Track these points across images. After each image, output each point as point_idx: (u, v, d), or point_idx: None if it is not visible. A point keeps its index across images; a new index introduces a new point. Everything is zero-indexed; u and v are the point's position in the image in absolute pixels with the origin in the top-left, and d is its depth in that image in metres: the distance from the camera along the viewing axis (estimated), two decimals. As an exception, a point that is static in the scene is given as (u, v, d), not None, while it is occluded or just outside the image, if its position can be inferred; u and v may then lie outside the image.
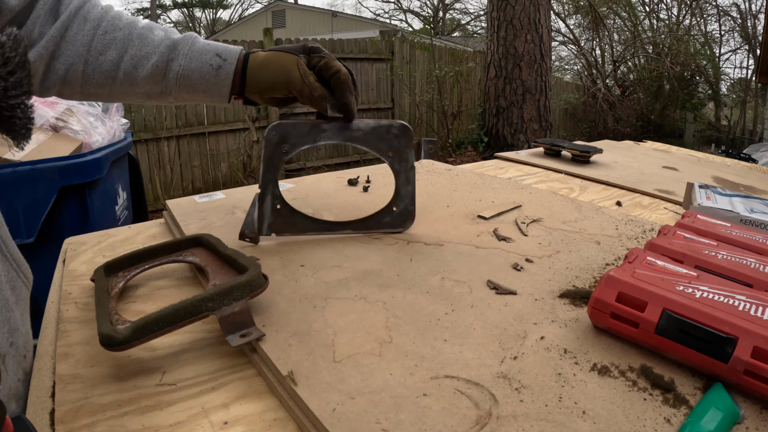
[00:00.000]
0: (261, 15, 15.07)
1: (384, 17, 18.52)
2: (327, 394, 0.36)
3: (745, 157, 4.64)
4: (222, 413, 0.37)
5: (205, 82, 0.60)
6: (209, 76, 0.60)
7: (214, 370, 0.42)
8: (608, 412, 0.35)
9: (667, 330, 0.39)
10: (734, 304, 0.40)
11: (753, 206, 0.75)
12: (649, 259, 0.49)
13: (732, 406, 0.35)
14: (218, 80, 0.60)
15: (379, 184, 0.92)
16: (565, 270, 0.58)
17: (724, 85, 10.91)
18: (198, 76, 0.59)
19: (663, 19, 9.84)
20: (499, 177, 1.04)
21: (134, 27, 0.58)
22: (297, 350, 0.41)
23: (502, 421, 0.34)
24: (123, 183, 2.02)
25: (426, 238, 0.66)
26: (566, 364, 0.40)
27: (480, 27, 16.41)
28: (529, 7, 5.09)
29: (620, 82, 8.56)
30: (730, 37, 11.51)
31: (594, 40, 8.71)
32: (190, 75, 0.59)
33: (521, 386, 0.38)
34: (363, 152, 5.62)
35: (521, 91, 5.25)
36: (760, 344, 0.36)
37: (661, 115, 8.65)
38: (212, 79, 0.60)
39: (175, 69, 0.58)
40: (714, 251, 0.54)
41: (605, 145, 1.56)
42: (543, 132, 5.35)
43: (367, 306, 0.49)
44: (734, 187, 1.07)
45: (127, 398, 0.38)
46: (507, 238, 0.67)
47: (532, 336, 0.44)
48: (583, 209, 0.82)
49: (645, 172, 1.16)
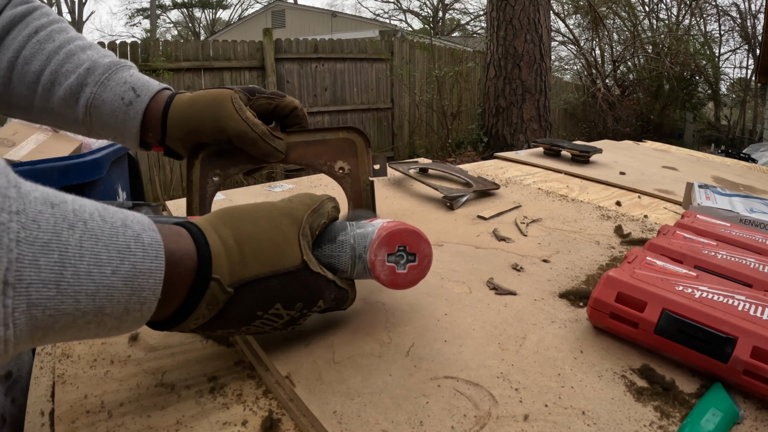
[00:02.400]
0: (261, 15, 15.08)
1: (384, 17, 18.53)
2: (326, 394, 0.36)
3: (744, 157, 4.65)
4: (221, 413, 0.37)
5: (115, 117, 0.50)
6: (119, 112, 0.50)
7: (214, 371, 0.42)
8: (608, 412, 0.35)
9: (667, 330, 0.39)
10: (734, 304, 0.40)
11: (753, 206, 0.75)
12: (649, 259, 0.49)
13: (732, 406, 0.35)
14: (127, 118, 0.50)
15: (379, 185, 0.92)
16: (565, 270, 0.58)
17: (723, 84, 10.93)
18: (108, 110, 0.50)
19: (663, 19, 9.85)
20: (499, 177, 1.04)
21: (69, 42, 0.51)
22: (296, 351, 0.41)
23: (502, 421, 0.34)
24: (123, 183, 2.02)
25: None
26: (566, 364, 0.40)
27: (480, 27, 16.42)
28: (528, 7, 5.09)
29: (620, 82, 8.56)
30: (730, 37, 11.52)
31: (594, 40, 8.71)
32: (100, 106, 0.50)
33: (521, 387, 0.38)
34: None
35: (521, 91, 5.25)
36: (760, 344, 0.36)
37: (660, 115, 8.65)
38: (121, 115, 0.50)
39: (87, 95, 0.50)
40: (713, 251, 0.54)
41: (605, 145, 1.56)
42: (543, 132, 5.35)
43: (367, 306, 0.49)
44: (734, 187, 1.07)
45: (126, 398, 0.38)
46: (507, 239, 0.67)
47: (532, 336, 0.44)
48: (582, 209, 0.82)
49: (645, 172, 1.16)
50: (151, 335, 0.46)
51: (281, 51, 4.93)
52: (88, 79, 0.50)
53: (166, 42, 4.56)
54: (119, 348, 0.44)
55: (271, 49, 4.80)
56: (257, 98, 0.52)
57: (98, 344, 0.45)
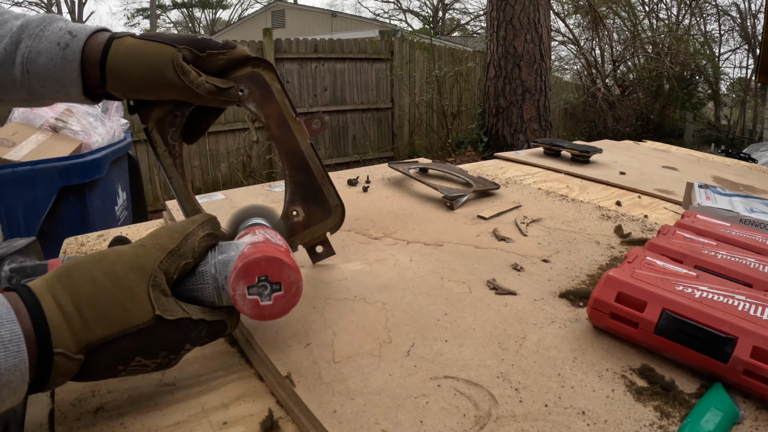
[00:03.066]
0: (260, 15, 15.07)
1: (384, 17, 18.51)
2: (326, 394, 0.36)
3: (744, 157, 4.65)
4: (221, 413, 0.37)
5: (53, 66, 0.46)
6: (56, 58, 0.46)
7: (214, 371, 0.42)
8: (608, 412, 0.35)
9: (667, 330, 0.39)
10: (734, 304, 0.40)
11: (753, 206, 0.75)
12: (649, 259, 0.49)
13: (731, 406, 0.35)
14: (65, 63, 0.46)
15: (378, 185, 0.92)
16: (565, 270, 0.58)
17: (723, 84, 10.92)
18: (45, 59, 0.46)
19: (662, 18, 9.85)
20: (499, 177, 1.04)
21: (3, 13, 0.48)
22: (296, 351, 0.41)
23: (502, 421, 0.34)
24: (123, 183, 2.02)
25: (425, 238, 0.66)
26: (566, 364, 0.40)
27: (479, 27, 16.40)
28: (528, 6, 5.09)
29: (620, 81, 8.55)
30: (730, 37, 11.51)
31: (593, 39, 8.71)
32: (36, 58, 0.46)
33: (521, 387, 0.38)
34: (363, 152, 5.63)
35: (521, 91, 5.25)
36: (760, 344, 0.36)
37: (660, 115, 8.65)
38: (59, 61, 0.46)
39: (22, 50, 0.46)
40: (713, 251, 0.54)
41: (605, 145, 1.56)
42: (543, 132, 5.34)
43: (367, 306, 0.49)
44: (734, 187, 1.07)
45: (126, 398, 0.38)
46: (507, 239, 0.67)
47: (532, 336, 0.44)
48: (582, 209, 0.82)
49: (645, 172, 1.16)
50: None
51: (281, 51, 4.93)
52: (23, 35, 0.46)
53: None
54: (119, 348, 0.44)
55: (271, 49, 4.80)
56: (207, 55, 0.48)
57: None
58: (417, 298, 0.50)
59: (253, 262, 0.35)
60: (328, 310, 0.48)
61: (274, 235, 0.42)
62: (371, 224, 0.72)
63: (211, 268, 0.37)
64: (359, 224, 0.71)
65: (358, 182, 0.93)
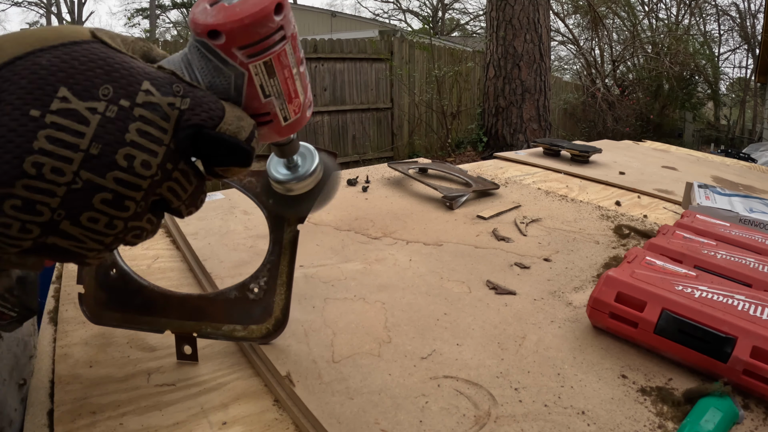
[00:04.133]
0: (260, 15, 15.04)
1: (383, 17, 18.51)
2: (326, 394, 0.36)
3: (744, 157, 4.64)
4: (221, 413, 0.37)
5: None
6: None
7: (213, 371, 0.42)
8: (607, 412, 0.35)
9: (666, 330, 0.39)
10: (733, 303, 0.40)
11: (752, 206, 0.75)
12: (648, 259, 0.49)
13: (731, 406, 0.35)
14: None
15: (378, 184, 0.92)
16: (565, 270, 0.58)
17: (723, 84, 10.92)
18: None
19: (662, 18, 9.85)
20: (499, 177, 1.04)
21: None
22: (296, 351, 0.41)
23: (501, 421, 0.34)
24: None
25: (425, 238, 0.66)
26: (565, 364, 0.40)
27: (479, 27, 16.40)
28: (528, 6, 5.09)
29: (619, 81, 8.56)
30: (729, 37, 11.52)
31: (593, 39, 8.71)
32: None
33: (520, 386, 0.38)
34: (362, 152, 5.63)
35: (520, 91, 5.25)
36: (759, 344, 0.36)
37: (660, 115, 8.65)
38: None
39: None
40: (713, 251, 0.54)
41: (604, 144, 1.56)
42: (542, 132, 5.34)
43: (366, 306, 0.49)
44: (733, 187, 1.08)
45: (126, 398, 0.38)
46: (506, 238, 0.67)
47: (532, 336, 0.44)
48: (582, 209, 0.82)
49: (644, 172, 1.16)
50: (151, 336, 0.46)
51: (281, 51, 4.92)
52: None
53: (165, 42, 4.55)
54: (118, 348, 0.44)
55: (270, 49, 4.80)
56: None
57: (97, 345, 0.44)
58: (416, 297, 0.50)
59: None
60: (328, 309, 0.48)
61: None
62: (371, 224, 0.72)
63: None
64: (359, 224, 0.71)
65: (358, 182, 0.93)
